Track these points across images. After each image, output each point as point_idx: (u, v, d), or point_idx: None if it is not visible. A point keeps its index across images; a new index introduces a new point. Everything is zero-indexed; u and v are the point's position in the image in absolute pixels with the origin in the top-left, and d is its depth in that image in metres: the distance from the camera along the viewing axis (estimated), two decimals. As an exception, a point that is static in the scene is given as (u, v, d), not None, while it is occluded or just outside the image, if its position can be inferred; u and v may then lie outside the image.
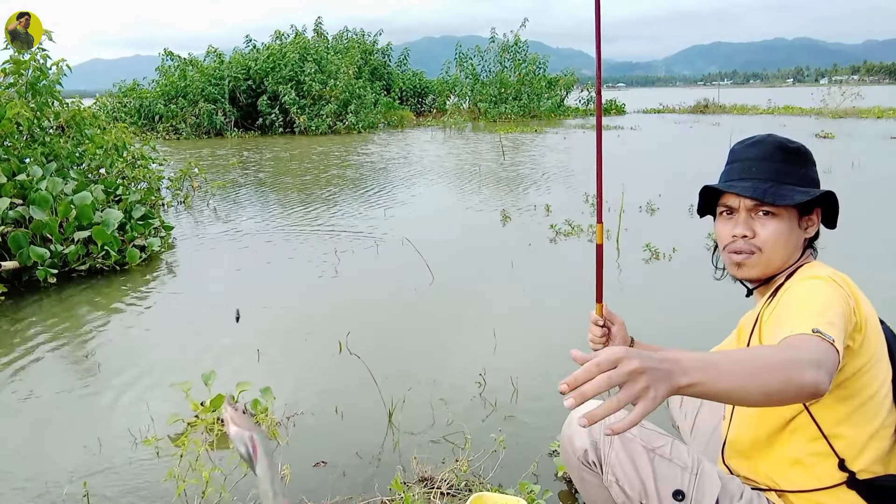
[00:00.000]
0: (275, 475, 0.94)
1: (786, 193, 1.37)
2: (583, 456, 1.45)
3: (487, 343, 3.47)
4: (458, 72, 28.53)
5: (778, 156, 1.42)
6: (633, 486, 1.37)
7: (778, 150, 1.43)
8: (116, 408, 2.85)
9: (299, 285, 4.77)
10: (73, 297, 4.45)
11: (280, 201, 8.40)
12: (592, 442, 1.44)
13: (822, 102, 24.14)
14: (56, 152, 5.91)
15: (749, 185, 1.39)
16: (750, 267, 1.42)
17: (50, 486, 2.24)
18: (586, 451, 1.44)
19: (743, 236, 1.41)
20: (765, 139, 1.47)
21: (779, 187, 1.38)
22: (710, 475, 1.36)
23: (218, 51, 22.85)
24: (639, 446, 1.39)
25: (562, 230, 6.00)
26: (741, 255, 1.42)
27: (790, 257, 1.41)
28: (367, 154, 14.16)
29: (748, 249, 1.40)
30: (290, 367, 3.26)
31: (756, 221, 1.40)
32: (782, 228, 1.39)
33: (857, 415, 1.27)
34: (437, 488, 2.12)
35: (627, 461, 1.38)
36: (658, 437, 1.42)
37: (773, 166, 1.41)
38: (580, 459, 1.46)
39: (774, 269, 1.42)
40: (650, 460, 1.38)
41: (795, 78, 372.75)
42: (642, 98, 44.98)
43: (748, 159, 1.45)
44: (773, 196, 1.36)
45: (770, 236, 1.39)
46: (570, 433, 1.50)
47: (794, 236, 1.40)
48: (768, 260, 1.40)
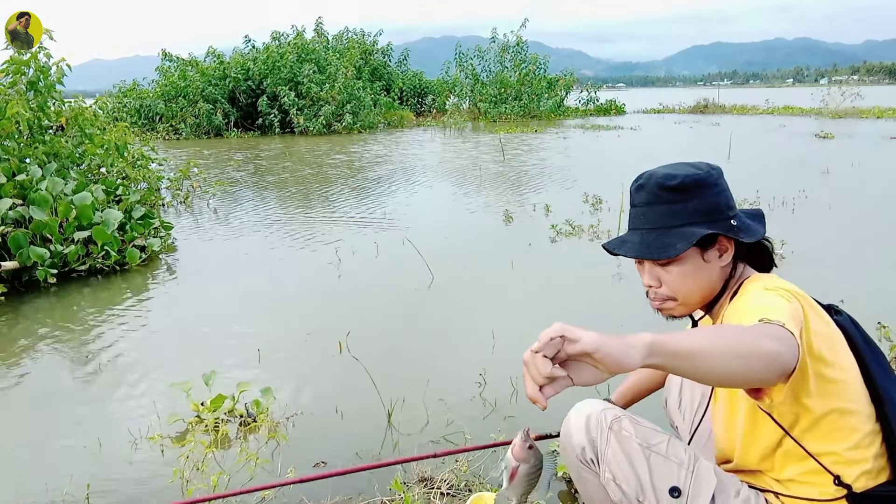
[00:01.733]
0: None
1: (669, 242, 1.34)
2: (581, 454, 1.45)
3: (487, 343, 3.47)
4: (459, 72, 28.53)
5: (662, 196, 1.38)
6: (630, 483, 1.37)
7: (661, 190, 1.38)
8: (117, 408, 2.85)
9: (299, 285, 4.77)
10: (73, 298, 4.45)
11: (280, 201, 8.40)
12: (590, 440, 1.44)
13: (822, 102, 24.15)
14: (56, 152, 5.91)
15: (637, 240, 1.38)
16: (671, 311, 1.43)
17: (50, 487, 2.24)
18: (584, 449, 1.44)
19: (650, 286, 1.41)
20: (647, 180, 1.41)
21: (665, 235, 1.35)
22: (707, 472, 1.37)
23: (218, 51, 22.86)
24: (635, 444, 1.39)
25: (563, 230, 6.00)
26: (658, 303, 1.43)
27: (713, 288, 1.40)
28: (367, 154, 14.16)
29: (661, 297, 1.41)
30: (290, 367, 3.26)
31: (659, 269, 1.39)
32: (686, 271, 1.37)
33: (839, 430, 1.27)
34: (437, 488, 2.12)
35: (624, 459, 1.38)
36: (655, 434, 1.42)
37: (658, 210, 1.38)
38: (578, 458, 1.46)
39: (700, 304, 1.42)
40: (646, 458, 1.38)
41: (795, 78, 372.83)
42: (642, 98, 44.98)
43: (637, 205, 1.43)
44: (656, 250, 1.35)
45: (675, 282, 1.38)
46: (569, 431, 1.49)
47: (704, 272, 1.38)
48: (686, 301, 1.40)
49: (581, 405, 1.50)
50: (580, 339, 0.94)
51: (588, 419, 1.45)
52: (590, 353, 0.94)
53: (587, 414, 1.46)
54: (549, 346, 0.95)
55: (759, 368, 1.03)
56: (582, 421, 1.46)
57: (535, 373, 0.95)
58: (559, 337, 0.95)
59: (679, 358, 0.98)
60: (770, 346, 1.03)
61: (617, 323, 3.66)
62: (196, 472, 2.24)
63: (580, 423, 1.46)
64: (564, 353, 0.95)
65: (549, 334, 0.95)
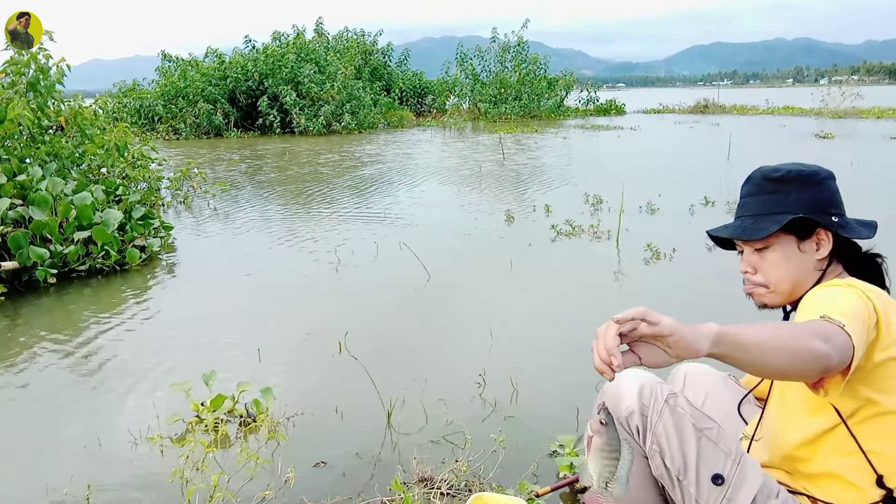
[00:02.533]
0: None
1: (761, 227, 1.40)
2: (626, 418, 1.43)
3: (487, 343, 3.47)
4: (459, 72, 28.54)
5: (764, 187, 1.45)
6: (675, 460, 1.36)
7: (764, 181, 1.46)
8: (116, 408, 2.85)
9: (299, 285, 4.76)
10: (73, 298, 4.45)
11: (279, 201, 8.40)
12: (641, 406, 1.41)
13: (822, 103, 24.16)
14: (56, 152, 5.91)
15: (734, 224, 1.47)
16: (762, 298, 1.47)
17: (50, 487, 2.24)
18: (632, 414, 1.42)
19: (745, 272, 1.47)
20: (754, 174, 1.50)
21: (760, 221, 1.41)
22: (753, 467, 1.35)
23: (218, 51, 22.86)
24: (689, 423, 1.38)
25: (563, 230, 6.00)
26: (750, 288, 1.48)
27: (804, 280, 1.41)
28: (366, 154, 14.15)
29: (754, 283, 1.46)
30: (290, 367, 3.26)
31: (756, 256, 1.45)
32: (779, 258, 1.41)
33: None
34: (437, 488, 2.12)
35: (675, 435, 1.37)
36: (706, 419, 1.40)
37: (759, 199, 1.45)
38: (619, 420, 1.43)
39: (792, 295, 1.44)
40: (696, 439, 1.36)
41: (795, 78, 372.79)
42: (642, 98, 44.98)
43: (743, 196, 1.51)
44: (748, 232, 1.42)
45: (769, 269, 1.42)
46: (619, 393, 1.46)
47: (796, 262, 1.41)
48: (776, 290, 1.44)
49: (631, 373, 1.47)
50: (659, 322, 1.00)
51: (642, 387, 1.43)
52: (665, 337, 1.00)
53: (640, 383, 1.44)
54: (628, 324, 1.01)
55: (800, 366, 1.08)
56: (634, 387, 1.44)
57: (602, 346, 1.01)
58: (641, 319, 1.01)
59: (737, 348, 1.04)
60: (817, 346, 1.07)
61: (617, 323, 3.65)
62: (196, 472, 2.24)
63: (632, 388, 1.44)
64: (638, 334, 1.02)
65: (632, 314, 1.01)
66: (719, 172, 9.21)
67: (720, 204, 7.09)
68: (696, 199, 7.26)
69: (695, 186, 8.16)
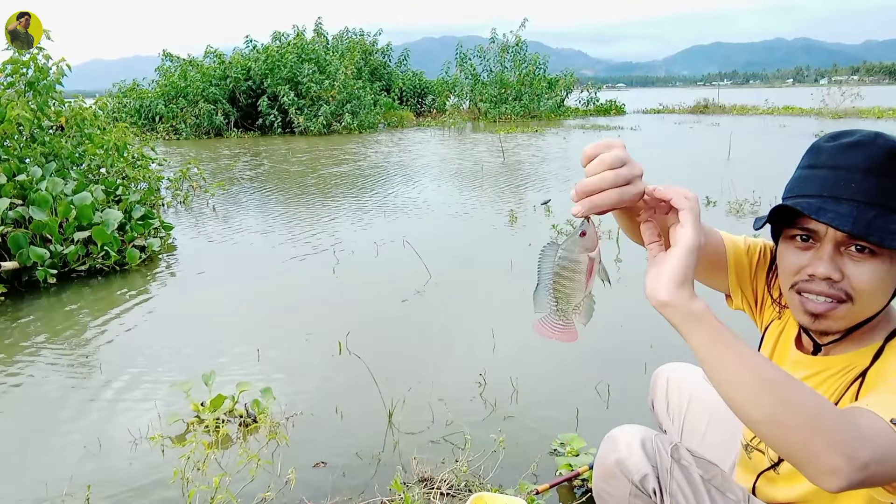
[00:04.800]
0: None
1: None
2: (641, 481, 1.30)
3: (487, 343, 3.47)
4: (459, 72, 28.55)
5: (891, 168, 1.03)
6: None
7: (891, 159, 1.03)
8: (116, 408, 2.85)
9: (299, 285, 4.76)
10: (73, 298, 4.45)
11: (279, 201, 8.40)
12: (653, 467, 1.29)
13: (822, 103, 24.16)
14: (56, 152, 5.91)
15: (847, 212, 1.02)
16: (835, 319, 1.08)
17: (50, 487, 2.24)
18: (646, 476, 1.29)
19: (827, 278, 1.06)
20: (872, 139, 1.05)
21: (888, 218, 1.02)
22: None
23: (218, 51, 22.87)
24: (697, 476, 1.28)
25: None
26: (823, 304, 1.07)
27: (881, 305, 1.09)
28: (366, 154, 14.16)
29: (835, 296, 1.06)
30: (290, 367, 3.26)
31: (846, 259, 1.06)
32: (880, 272, 1.04)
33: None
34: (437, 489, 2.12)
35: (690, 492, 1.27)
36: (709, 466, 1.32)
37: (880, 183, 1.03)
38: (635, 483, 1.31)
39: (856, 321, 1.09)
40: (707, 491, 1.28)
41: (795, 78, 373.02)
42: (642, 98, 44.98)
43: (846, 168, 1.05)
44: (881, 233, 1.00)
45: (865, 282, 1.04)
46: (625, 455, 1.31)
47: (889, 280, 1.06)
48: (858, 311, 1.07)
49: (627, 429, 1.37)
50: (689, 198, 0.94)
51: (643, 443, 1.31)
52: (686, 211, 0.92)
53: (640, 437, 1.32)
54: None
55: (791, 447, 0.85)
56: (636, 444, 1.31)
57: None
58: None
59: (710, 333, 0.89)
60: (833, 456, 0.82)
61: (617, 324, 3.66)
62: (196, 472, 2.24)
63: (635, 446, 1.31)
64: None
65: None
66: (720, 172, 9.20)
67: (721, 204, 7.09)
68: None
69: (695, 186, 8.06)
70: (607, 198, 0.92)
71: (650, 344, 3.30)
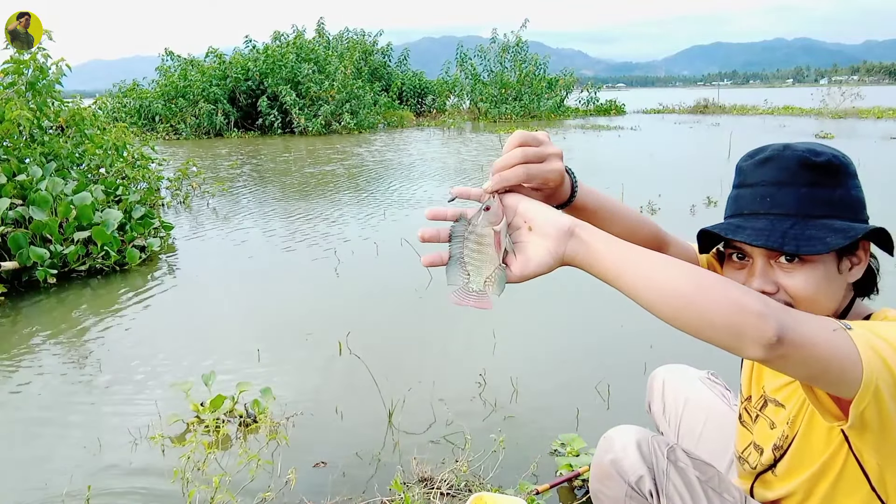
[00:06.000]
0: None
1: (815, 235, 1.02)
2: (637, 482, 1.30)
3: (487, 343, 3.47)
4: (459, 72, 28.56)
5: (802, 177, 1.06)
6: None
7: (801, 168, 1.06)
8: (117, 408, 2.85)
9: (299, 285, 4.76)
10: (73, 298, 4.44)
11: (279, 201, 8.40)
12: (649, 469, 1.30)
13: (822, 103, 24.18)
14: (56, 152, 5.91)
15: (763, 226, 1.05)
16: None
17: (50, 487, 2.24)
18: (641, 478, 1.30)
19: (762, 291, 1.05)
20: (780, 153, 1.09)
21: (804, 225, 1.04)
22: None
23: (218, 51, 22.88)
24: (693, 477, 1.29)
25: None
26: None
27: (832, 308, 1.09)
28: (366, 154, 14.15)
29: None
30: (291, 367, 3.26)
31: (778, 271, 1.07)
32: (816, 277, 1.05)
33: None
34: (437, 488, 2.12)
35: (687, 493, 1.28)
36: (705, 467, 1.32)
37: (795, 193, 1.05)
38: (631, 484, 1.31)
39: None
40: (704, 492, 1.28)
41: (795, 78, 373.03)
42: (642, 98, 45.00)
43: (760, 184, 1.09)
44: (797, 242, 1.01)
45: (801, 289, 1.05)
46: (620, 456, 1.32)
47: (833, 284, 1.07)
48: None
49: (622, 429, 1.37)
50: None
51: (639, 444, 1.31)
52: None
53: (636, 439, 1.32)
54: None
55: (730, 318, 0.85)
56: (632, 445, 1.31)
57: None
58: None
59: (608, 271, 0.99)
60: (747, 298, 0.86)
61: (617, 324, 3.66)
62: (196, 472, 2.24)
63: (631, 447, 1.31)
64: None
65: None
66: (720, 172, 9.19)
67: (721, 204, 7.09)
68: (697, 199, 7.25)
69: (695, 186, 8.16)
70: (514, 173, 0.99)
71: (650, 344, 3.30)
